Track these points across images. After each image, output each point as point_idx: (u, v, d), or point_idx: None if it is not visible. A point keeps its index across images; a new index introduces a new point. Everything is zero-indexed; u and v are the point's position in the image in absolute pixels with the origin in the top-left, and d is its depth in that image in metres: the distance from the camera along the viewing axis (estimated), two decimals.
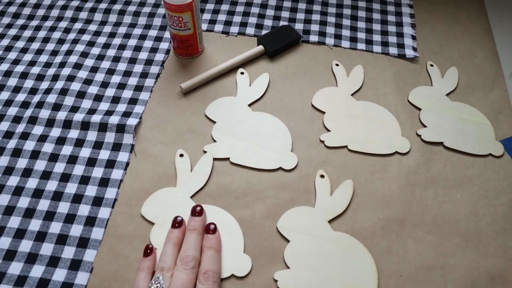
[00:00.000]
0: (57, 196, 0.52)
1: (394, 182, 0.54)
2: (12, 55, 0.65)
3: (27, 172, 0.54)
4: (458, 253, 0.50)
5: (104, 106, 0.59)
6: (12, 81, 0.62)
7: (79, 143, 0.56)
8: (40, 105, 0.59)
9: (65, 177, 0.53)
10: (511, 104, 0.62)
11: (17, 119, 0.58)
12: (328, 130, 0.58)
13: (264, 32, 0.68)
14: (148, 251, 0.47)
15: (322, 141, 0.57)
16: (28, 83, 0.62)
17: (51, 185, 0.53)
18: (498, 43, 0.69)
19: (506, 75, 0.65)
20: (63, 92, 0.60)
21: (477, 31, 0.70)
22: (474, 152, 0.57)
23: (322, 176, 0.54)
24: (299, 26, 0.68)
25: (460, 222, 0.52)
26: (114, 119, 0.57)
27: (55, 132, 0.57)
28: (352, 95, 0.61)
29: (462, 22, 0.71)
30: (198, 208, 0.49)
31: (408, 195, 0.53)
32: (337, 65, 0.64)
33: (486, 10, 0.73)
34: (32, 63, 0.64)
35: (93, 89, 0.61)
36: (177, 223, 0.48)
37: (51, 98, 0.59)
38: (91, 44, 0.66)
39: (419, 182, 0.54)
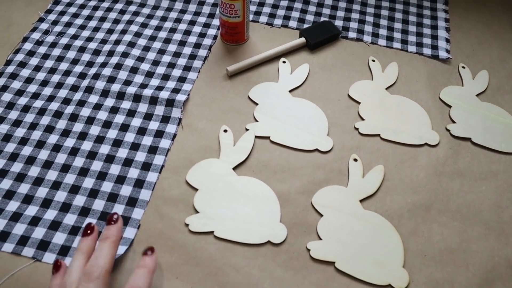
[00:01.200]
0: (110, 159, 0.56)
1: (423, 170, 0.58)
2: (71, 31, 0.70)
3: (82, 135, 0.58)
4: (481, 240, 0.53)
5: (155, 82, 0.64)
6: (71, 54, 0.67)
7: (131, 113, 0.60)
8: (96, 76, 0.64)
9: (117, 143, 0.58)
10: None
11: (74, 88, 0.63)
12: (363, 119, 0.62)
13: (305, 26, 0.72)
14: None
15: (357, 129, 0.61)
16: (86, 57, 0.67)
17: (104, 149, 0.57)
18: None
19: None
20: (118, 66, 0.65)
21: (508, 38, 0.73)
22: (500, 149, 0.60)
23: (355, 160, 0.57)
24: (338, 23, 0.72)
25: (484, 212, 0.55)
26: (164, 94, 0.61)
27: (109, 102, 0.62)
28: (386, 89, 0.65)
29: (494, 29, 0.74)
30: (115, 217, 0.46)
31: (435, 184, 0.57)
32: (373, 60, 0.68)
33: None
34: (89, 39, 0.69)
35: (145, 66, 0.66)
36: (89, 229, 0.46)
37: (107, 71, 0.64)
38: (144, 25, 0.71)
39: (446, 173, 0.58)
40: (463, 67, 0.68)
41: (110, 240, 0.44)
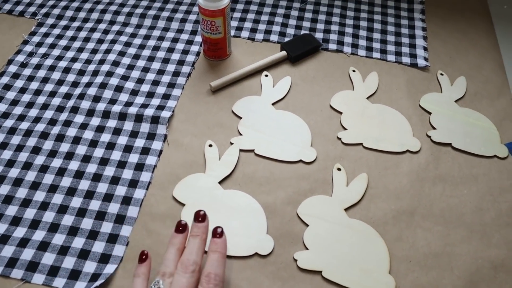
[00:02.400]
0: (97, 177, 0.57)
1: (405, 177, 0.59)
2: (56, 52, 0.71)
3: (69, 155, 0.59)
4: (464, 243, 0.54)
5: (139, 99, 0.65)
6: (56, 75, 0.68)
7: (117, 131, 0.61)
8: (81, 96, 0.64)
9: (104, 161, 0.58)
10: None
11: (60, 108, 0.64)
12: (345, 129, 0.63)
13: (286, 39, 0.73)
14: (144, 256, 0.47)
15: (339, 138, 0.62)
16: (71, 77, 0.68)
17: (91, 168, 0.58)
18: (504, 57, 0.74)
19: None
20: (103, 86, 0.66)
21: (485, 45, 0.75)
22: (480, 153, 0.62)
23: (339, 169, 0.59)
24: (319, 35, 0.74)
25: (466, 216, 0.56)
26: (149, 111, 0.62)
27: (95, 121, 0.62)
28: (367, 98, 0.67)
29: (471, 37, 0.76)
30: (202, 213, 0.49)
31: (418, 189, 0.58)
32: (354, 71, 0.69)
33: (493, 26, 0.78)
34: (74, 60, 0.70)
35: (129, 84, 0.67)
36: (180, 226, 0.48)
37: (92, 91, 0.65)
38: (127, 44, 0.72)
39: (428, 178, 0.59)
40: (442, 74, 0.70)
41: (200, 238, 0.47)
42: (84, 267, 0.50)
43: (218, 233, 0.47)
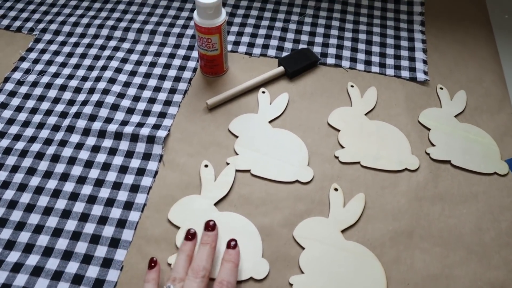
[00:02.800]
0: (92, 199, 0.57)
1: (404, 196, 0.58)
2: (53, 69, 0.71)
3: (64, 176, 0.59)
4: (463, 264, 0.53)
5: (135, 118, 0.64)
6: (52, 93, 0.68)
7: (112, 151, 0.61)
8: (77, 115, 0.64)
9: (99, 182, 0.58)
10: None
11: (56, 128, 0.64)
12: (343, 147, 0.62)
13: (284, 54, 0.73)
14: (152, 263, 0.49)
15: (337, 157, 0.61)
16: (67, 95, 0.67)
17: (86, 189, 0.58)
18: (505, 68, 0.73)
19: None
20: (99, 104, 0.65)
21: (485, 56, 0.74)
22: (480, 170, 0.61)
23: (336, 189, 0.58)
24: (317, 49, 0.73)
25: (465, 236, 0.55)
26: (145, 131, 0.62)
27: (91, 140, 0.62)
28: (365, 114, 0.66)
29: (471, 48, 0.75)
30: (212, 223, 0.51)
31: (416, 209, 0.57)
32: (352, 86, 0.68)
33: (494, 36, 0.77)
34: (70, 77, 0.70)
35: (126, 102, 0.66)
36: (190, 235, 0.50)
37: (88, 110, 0.65)
38: (124, 60, 0.72)
39: (427, 197, 0.58)
40: (441, 88, 0.69)
41: (210, 245, 0.49)
42: None
43: (232, 245, 0.50)
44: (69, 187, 0.58)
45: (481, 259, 0.54)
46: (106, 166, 0.60)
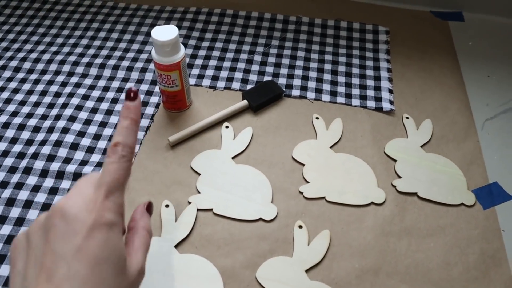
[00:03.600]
0: None
1: (370, 232, 0.57)
2: (11, 107, 0.69)
3: (19, 221, 0.56)
4: None
5: (95, 157, 0.63)
6: (10, 133, 0.66)
7: None
8: (35, 156, 0.62)
9: None
10: (483, 155, 0.65)
11: (12, 170, 0.62)
12: (307, 182, 0.61)
13: (249, 86, 0.72)
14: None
15: (301, 193, 0.60)
16: (25, 135, 0.66)
17: None
18: (470, 96, 0.73)
19: (478, 126, 0.69)
20: (58, 144, 0.64)
21: (450, 84, 0.74)
22: (447, 202, 0.60)
23: (300, 227, 0.56)
24: (282, 81, 0.73)
25: (433, 271, 0.54)
26: None
27: (48, 182, 0.60)
28: (331, 147, 0.65)
29: (436, 76, 0.75)
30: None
31: (382, 245, 0.56)
32: (317, 118, 0.68)
33: (459, 64, 0.78)
34: (29, 115, 0.68)
35: (86, 141, 0.65)
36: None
37: (46, 150, 0.63)
38: (85, 97, 0.70)
39: (394, 232, 0.57)
40: (407, 118, 0.69)
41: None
42: None
43: (131, 96, 0.38)
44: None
45: None
46: None
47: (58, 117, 0.67)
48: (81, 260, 0.31)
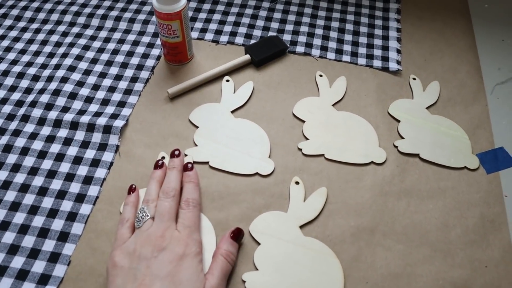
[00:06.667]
0: (42, 191, 0.54)
1: (368, 191, 0.56)
2: (11, 56, 0.68)
3: (16, 167, 0.56)
4: (426, 262, 0.51)
5: (93, 107, 0.62)
6: (9, 80, 0.65)
7: (67, 142, 0.59)
8: (33, 104, 0.62)
9: (51, 174, 0.56)
10: (490, 119, 0.63)
11: (10, 117, 0.61)
12: (307, 139, 0.60)
13: (252, 42, 0.70)
14: (132, 190, 0.53)
15: (300, 149, 0.59)
16: (24, 83, 0.65)
17: (38, 181, 0.55)
18: (482, 59, 0.70)
19: (488, 90, 0.66)
20: (56, 92, 0.63)
21: (462, 46, 0.71)
22: (449, 164, 0.58)
23: (297, 183, 0.56)
24: (287, 37, 0.71)
25: (430, 233, 0.53)
26: (101, 120, 0.59)
27: (45, 130, 0.60)
28: (333, 105, 0.63)
29: (447, 38, 0.73)
30: (177, 152, 0.56)
31: (380, 205, 0.55)
32: (320, 75, 0.66)
33: (472, 26, 0.75)
34: (29, 64, 0.67)
35: (84, 91, 0.64)
36: (158, 165, 0.55)
37: (44, 98, 0.62)
38: (86, 48, 0.69)
39: (393, 192, 0.56)
40: (414, 79, 0.67)
41: (176, 169, 0.53)
42: None
43: (189, 168, 0.54)
44: (19, 178, 0.55)
45: (445, 257, 0.51)
46: (59, 157, 0.57)
47: (57, 67, 0.66)
48: (171, 280, 0.43)
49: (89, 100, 0.63)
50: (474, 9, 0.77)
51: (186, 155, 0.58)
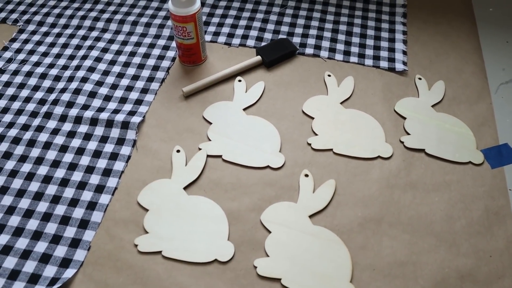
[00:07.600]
0: (64, 182, 0.57)
1: (375, 184, 0.58)
2: (34, 58, 0.72)
3: (39, 160, 0.59)
4: (431, 251, 0.53)
5: (112, 105, 0.65)
6: (33, 81, 0.69)
7: (87, 137, 0.62)
8: (55, 102, 0.65)
9: (72, 166, 0.59)
10: (495, 117, 0.65)
11: (34, 114, 0.65)
12: (316, 134, 0.62)
13: (263, 44, 0.73)
14: None
15: (309, 144, 0.61)
16: (46, 83, 0.68)
17: (60, 173, 0.58)
18: (486, 60, 0.72)
19: (492, 90, 0.68)
20: (77, 91, 0.66)
21: (467, 48, 0.74)
22: (454, 159, 0.60)
23: (306, 176, 0.58)
24: (296, 40, 0.74)
25: (435, 224, 0.55)
26: (120, 117, 0.63)
27: (67, 126, 0.63)
28: (341, 103, 0.66)
29: (452, 40, 0.75)
30: None
31: (387, 196, 0.57)
32: (329, 75, 0.69)
33: (477, 29, 0.77)
34: (51, 66, 0.71)
35: (103, 90, 0.67)
36: None
37: (66, 97, 0.66)
38: (105, 50, 0.73)
39: (399, 185, 0.58)
40: (420, 79, 0.69)
41: None
42: (45, 271, 0.50)
43: None
44: (43, 170, 0.59)
45: (450, 247, 0.53)
46: (80, 151, 0.60)
47: (78, 68, 0.70)
48: None
49: (107, 98, 0.66)
50: (479, 13, 0.80)
51: (200, 148, 0.60)
